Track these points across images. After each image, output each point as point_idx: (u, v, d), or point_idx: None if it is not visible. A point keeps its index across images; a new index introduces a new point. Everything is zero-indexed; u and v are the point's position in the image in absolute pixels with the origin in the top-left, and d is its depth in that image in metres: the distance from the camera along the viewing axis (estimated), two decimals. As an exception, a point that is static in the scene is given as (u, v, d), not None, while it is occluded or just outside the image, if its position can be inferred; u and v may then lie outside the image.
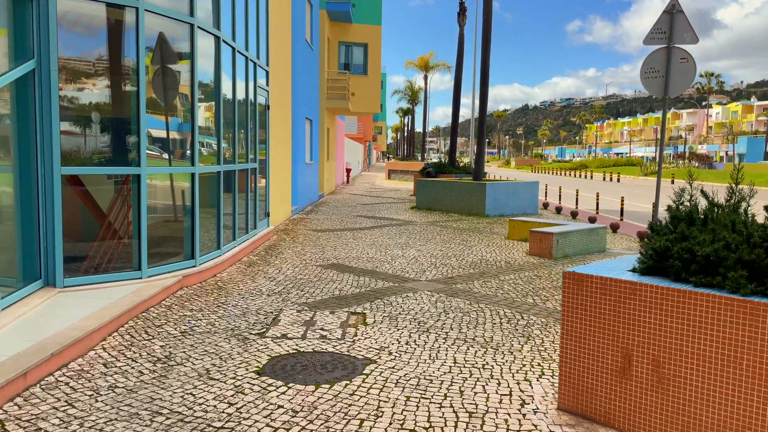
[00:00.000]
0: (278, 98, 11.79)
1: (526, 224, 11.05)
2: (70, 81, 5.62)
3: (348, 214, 15.42)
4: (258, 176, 9.67)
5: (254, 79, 9.22)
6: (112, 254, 6.11)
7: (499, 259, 9.06)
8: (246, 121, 8.83)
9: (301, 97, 15.31)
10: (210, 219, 7.45)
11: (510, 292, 6.83)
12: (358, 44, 22.91)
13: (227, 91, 7.86)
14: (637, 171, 53.94)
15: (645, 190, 31.48)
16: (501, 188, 15.94)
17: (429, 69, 49.41)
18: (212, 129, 7.49)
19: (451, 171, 21.91)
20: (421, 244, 10.43)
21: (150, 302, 5.62)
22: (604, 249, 10.28)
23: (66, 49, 5.55)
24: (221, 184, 7.54)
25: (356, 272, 7.81)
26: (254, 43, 9.28)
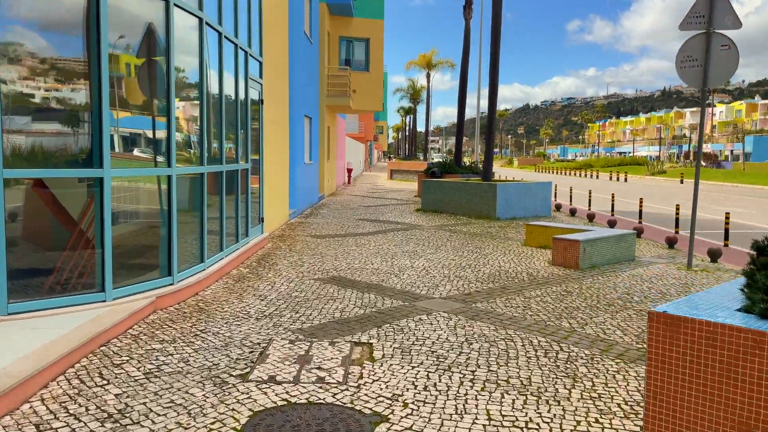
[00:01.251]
0: (274, 93, 10.83)
1: (546, 230, 10.08)
2: (15, 70, 4.65)
3: (350, 217, 14.45)
4: (251, 178, 8.70)
5: (245, 69, 8.25)
6: (72, 272, 5.14)
7: (519, 271, 8.09)
8: (236, 116, 7.87)
9: (299, 93, 14.34)
10: (192, 228, 6.48)
11: (540, 313, 5.85)
12: (360, 39, 21.94)
13: (213, 81, 6.89)
14: (643, 170, 52.94)
15: (657, 190, 30.50)
16: (512, 189, 14.97)
17: (432, 67, 48.43)
18: (196, 125, 6.53)
19: (457, 171, 20.94)
20: (431, 252, 9.46)
21: (112, 332, 4.66)
22: (634, 257, 9.30)
23: (5, 33, 4.58)
24: (205, 188, 6.57)
25: (360, 287, 6.84)
26: (245, 29, 8.31)
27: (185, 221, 6.34)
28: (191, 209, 6.48)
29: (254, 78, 8.79)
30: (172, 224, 5.76)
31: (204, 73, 6.40)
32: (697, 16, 8.40)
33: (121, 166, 5.39)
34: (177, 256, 5.87)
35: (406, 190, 26.18)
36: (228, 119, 7.59)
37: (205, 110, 6.48)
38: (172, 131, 5.67)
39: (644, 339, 5.12)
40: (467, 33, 21.38)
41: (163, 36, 5.58)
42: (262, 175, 9.48)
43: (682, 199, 23.91)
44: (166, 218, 5.76)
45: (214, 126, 7.05)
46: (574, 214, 16.11)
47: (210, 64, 6.76)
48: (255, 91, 9.01)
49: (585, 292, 6.85)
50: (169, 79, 5.62)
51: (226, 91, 7.42)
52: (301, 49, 14.53)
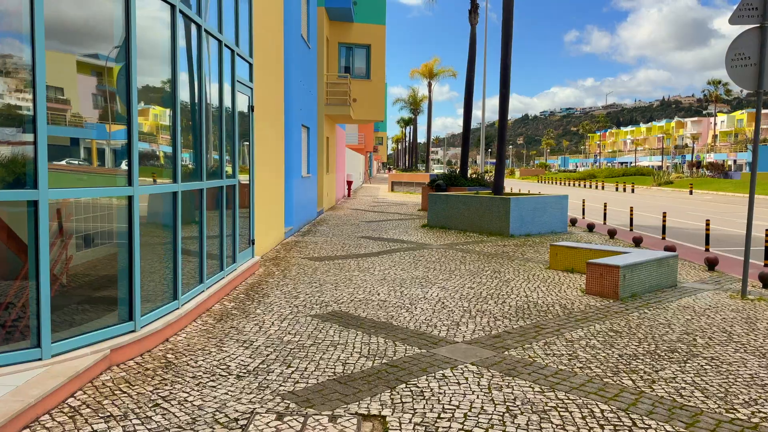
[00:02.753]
0: (267, 99, 9.75)
1: (573, 252, 8.95)
2: None
3: (350, 234, 13.33)
4: (239, 195, 7.59)
5: (231, 71, 7.17)
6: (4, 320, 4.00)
7: (550, 302, 6.95)
8: (220, 124, 6.77)
9: (296, 102, 13.28)
10: (163, 258, 5.35)
11: (591, 365, 4.71)
12: (360, 46, 20.93)
13: (189, 82, 5.80)
14: (649, 181, 51.89)
15: (669, 202, 29.39)
16: (526, 204, 13.86)
17: (433, 76, 47.48)
18: (168, 134, 5.42)
19: (464, 183, 19.84)
20: (444, 277, 8.32)
21: (44, 405, 3.52)
22: (676, 283, 8.17)
23: None
24: (179, 209, 5.45)
25: (365, 327, 5.70)
26: (231, 25, 7.25)
27: (154, 250, 5.22)
28: (162, 235, 5.35)
29: (243, 81, 7.70)
30: (134, 255, 4.64)
31: (177, 71, 5.31)
32: (749, 8, 7.34)
33: (69, 182, 4.27)
34: (140, 296, 4.73)
35: (409, 203, 25.07)
36: (210, 128, 6.49)
37: (178, 117, 5.37)
38: (133, 142, 4.56)
39: (731, 403, 3.99)
40: (473, 39, 20.38)
41: (122, 25, 4.48)
42: (253, 191, 8.37)
43: (699, 211, 22.80)
44: (126, 248, 4.63)
45: (192, 135, 5.94)
46: (591, 229, 15.00)
47: (185, 62, 5.67)
48: (244, 96, 7.92)
49: (636, 332, 5.71)
50: (129, 77, 4.52)
51: (208, 95, 6.32)
52: (298, 53, 13.49)
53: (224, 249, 6.94)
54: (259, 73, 8.96)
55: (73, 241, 4.42)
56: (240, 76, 7.55)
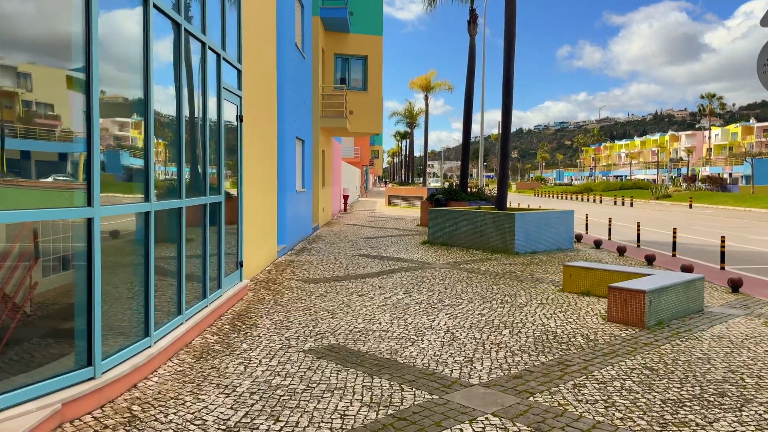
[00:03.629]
0: (258, 109, 9.10)
1: (588, 273, 8.27)
2: None
3: (347, 252, 12.61)
4: (225, 213, 6.88)
5: (217, 77, 6.51)
6: None
7: (570, 331, 6.25)
8: (203, 135, 6.09)
9: (290, 113, 12.64)
10: (132, 287, 4.63)
11: (632, 415, 4.01)
12: (357, 57, 20.37)
13: (165, 86, 5.13)
14: (647, 194, 51.45)
15: (671, 216, 28.83)
16: (532, 219, 13.20)
17: (430, 89, 47.05)
18: (140, 145, 4.73)
19: (464, 197, 19.21)
20: (451, 302, 7.62)
21: (-36, 486, 2.78)
22: (702, 308, 7.49)
23: None
24: (152, 231, 4.74)
25: (366, 365, 4.98)
26: (217, 27, 6.60)
27: (123, 279, 4.50)
28: (132, 262, 4.64)
29: (230, 89, 7.04)
30: (93, 288, 3.92)
31: (150, 75, 4.63)
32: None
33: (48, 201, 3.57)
34: (100, 335, 4.01)
35: (407, 217, 24.39)
36: (192, 139, 5.81)
37: (152, 126, 4.69)
38: (93, 153, 3.87)
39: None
40: (472, 50, 19.86)
41: (82, 19, 3.81)
42: (241, 208, 7.66)
43: (703, 225, 22.20)
44: (84, 278, 3.92)
45: (169, 147, 5.26)
46: (599, 246, 14.34)
47: (163, 65, 5.00)
48: (232, 105, 7.25)
49: (674, 371, 5.01)
50: (90, 75, 3.84)
51: (189, 103, 5.65)
52: (292, 62, 12.88)
53: (207, 274, 6.21)
54: (250, 81, 8.31)
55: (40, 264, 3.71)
56: (227, 83, 6.89)
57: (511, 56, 14.06)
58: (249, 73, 8.23)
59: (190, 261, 5.80)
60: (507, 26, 14.01)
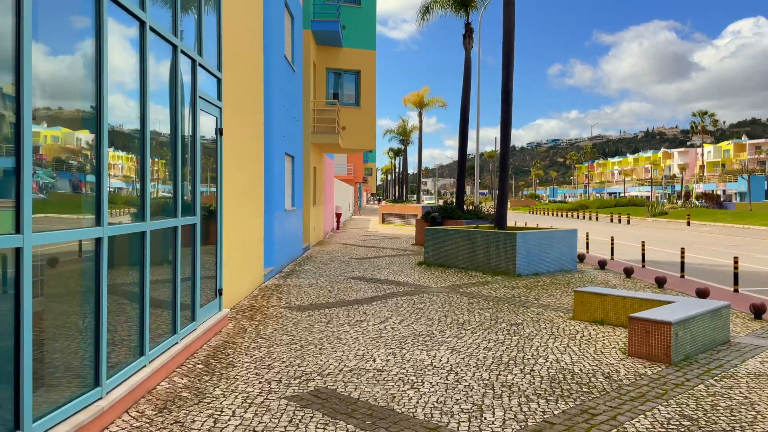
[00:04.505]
0: (243, 123, 8.43)
1: (602, 299, 7.58)
2: None
3: (339, 275, 11.88)
4: (200, 236, 6.16)
5: (192, 85, 5.84)
6: None
7: (589, 369, 5.54)
8: (174, 149, 5.39)
9: (278, 127, 11.98)
10: (79, 328, 3.89)
11: (684, 487, 3.28)
12: (350, 71, 19.83)
13: (127, 92, 4.44)
14: (643, 211, 51.05)
15: (671, 234, 28.28)
16: (534, 239, 12.53)
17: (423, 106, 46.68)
18: (93, 160, 4.02)
19: (460, 215, 18.55)
20: (453, 333, 6.89)
21: None
22: (729, 338, 6.81)
23: None
24: (104, 261, 4.02)
25: (358, 417, 4.25)
26: (192, 29, 5.95)
27: (67, 320, 3.77)
28: (79, 298, 3.91)
29: (208, 98, 6.36)
30: (22, 330, 3.19)
31: (103, 75, 3.94)
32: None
33: None
34: (31, 391, 3.26)
35: (401, 236, 23.68)
36: (160, 152, 5.12)
37: (104, 137, 3.99)
38: (23, 168, 3.16)
39: None
40: (468, 64, 19.37)
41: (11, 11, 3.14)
42: (221, 230, 6.94)
43: (706, 244, 21.59)
44: (10, 318, 3.18)
45: (130, 161, 4.55)
46: (603, 267, 13.67)
47: (118, 65, 4.33)
48: (211, 117, 6.58)
49: (717, 420, 4.30)
50: (20, 72, 3.15)
51: (156, 111, 4.97)
52: (280, 74, 12.26)
53: (178, 307, 5.47)
54: (232, 91, 7.66)
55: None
56: (204, 92, 6.22)
57: (509, 68, 13.52)
58: (231, 83, 7.57)
59: (157, 292, 5.06)
60: (505, 38, 13.49)
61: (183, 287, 5.67)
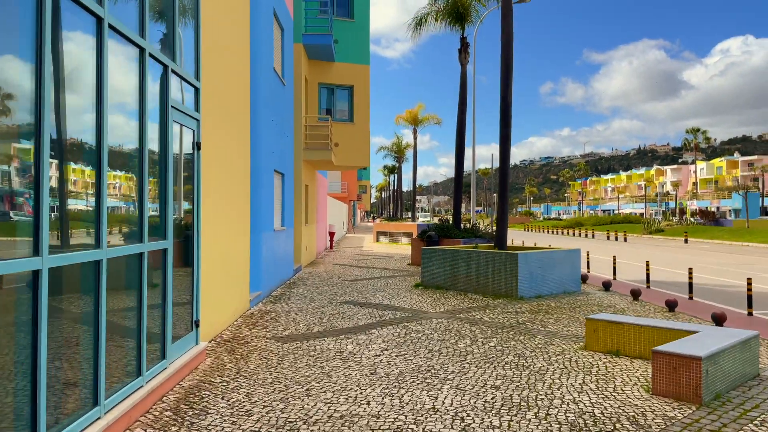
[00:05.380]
0: (226, 137, 7.82)
1: (615, 328, 6.94)
2: None
3: (331, 299, 11.19)
4: (173, 262, 5.50)
5: (163, 93, 5.23)
6: None
7: (611, 412, 4.87)
8: (141, 164, 4.76)
9: (266, 143, 11.38)
10: (12, 381, 3.21)
11: None
12: (343, 87, 19.33)
13: (81, 97, 3.82)
14: (639, 229, 50.69)
15: (671, 252, 27.76)
16: (536, 260, 11.91)
17: (418, 123, 46.33)
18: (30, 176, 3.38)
19: (457, 234, 17.93)
20: (455, 368, 6.22)
21: None
22: (758, 372, 6.17)
23: None
24: (44, 297, 3.35)
25: (350, 482, 3.56)
26: (164, 33, 5.35)
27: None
28: (12, 337, 3.23)
29: (183, 109, 5.75)
30: None
31: (44, 73, 3.32)
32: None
33: None
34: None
35: (396, 255, 23.02)
36: (123, 167, 4.48)
37: (45, 148, 3.35)
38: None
39: None
40: (463, 78, 18.92)
41: None
42: (198, 255, 6.27)
43: (707, 262, 21.03)
44: None
45: (84, 177, 3.91)
46: (608, 288, 13.05)
47: (66, 64, 3.71)
48: (187, 129, 5.96)
49: (775, 482, 3.64)
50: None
51: (118, 122, 4.34)
52: (269, 88, 11.69)
53: (143, 345, 4.79)
54: (213, 103, 7.05)
55: None
56: (178, 102, 5.60)
57: (508, 82, 13.03)
58: (212, 94, 6.97)
59: (117, 330, 4.39)
60: (504, 49, 13.02)
61: (151, 322, 4.99)
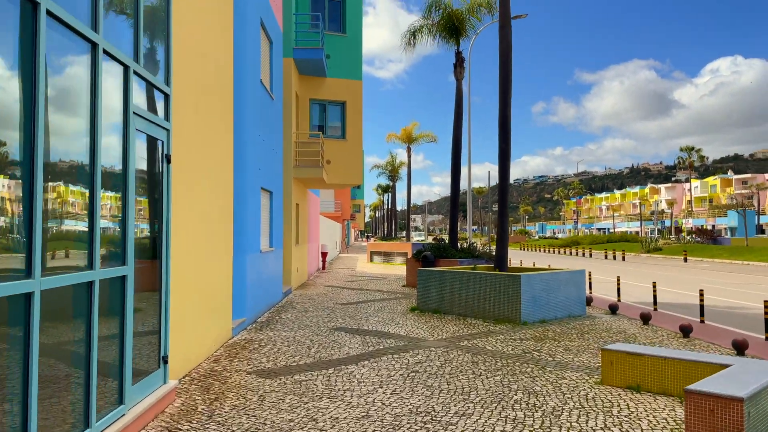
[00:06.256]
0: (204, 149, 7.16)
1: (635, 360, 6.23)
2: None
3: (321, 325, 10.43)
4: (132, 290, 4.78)
5: (124, 97, 4.57)
6: None
7: (645, 467, 4.15)
8: (92, 176, 4.07)
9: (253, 159, 10.72)
10: None
11: None
12: (334, 102, 18.77)
13: (10, 97, 3.14)
14: (636, 247, 50.16)
15: (672, 272, 27.14)
16: (539, 282, 11.23)
17: (412, 141, 45.88)
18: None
19: (454, 255, 17.23)
20: (458, 409, 5.48)
21: None
22: (800, 410, 5.45)
23: None
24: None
25: None
26: (126, 29, 4.71)
27: None
28: None
29: (148, 117, 5.08)
30: None
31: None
32: None
33: None
34: None
35: (391, 276, 22.26)
36: (69, 181, 3.79)
37: None
38: None
39: None
40: (459, 94, 18.42)
41: None
42: (166, 281, 5.55)
43: (711, 282, 20.38)
44: None
45: (12, 193, 3.22)
46: (614, 311, 12.36)
47: None
48: (155, 139, 5.28)
49: None
50: None
51: (59, 126, 3.66)
52: (256, 101, 11.07)
53: (93, 391, 4.04)
54: (189, 112, 6.40)
55: None
56: (142, 109, 4.94)
57: (507, 97, 12.48)
58: (187, 102, 6.32)
59: (54, 378, 3.66)
60: (502, 62, 12.49)
61: (104, 362, 4.25)
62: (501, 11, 12.81)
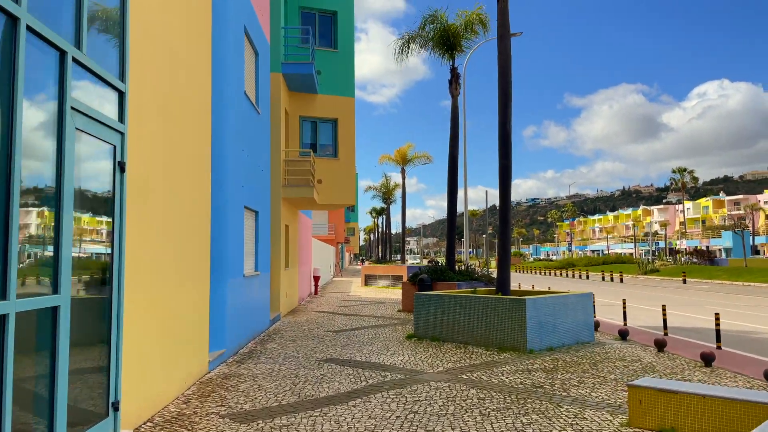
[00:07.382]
0: (173, 160, 6.34)
1: (667, 398, 5.38)
2: None
3: (310, 356, 9.51)
4: (68, 324, 3.90)
5: (60, 89, 3.77)
6: None
7: None
8: (7, 186, 3.24)
9: (235, 175, 9.92)
10: None
11: None
12: (326, 120, 18.07)
13: None
14: (633, 269, 49.46)
15: (673, 293, 26.33)
16: (545, 306, 10.38)
17: (407, 162, 45.31)
18: None
19: (452, 277, 16.36)
20: (466, 462, 4.59)
21: None
22: None
23: None
24: None
25: None
26: (67, 9, 3.93)
27: None
28: None
29: (95, 116, 4.28)
30: None
31: None
32: None
33: None
34: None
35: (386, 301, 21.32)
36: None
37: None
38: None
39: None
40: (455, 111, 17.77)
41: None
42: (119, 310, 4.68)
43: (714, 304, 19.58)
44: None
45: None
46: (625, 337, 11.51)
47: None
48: (102, 144, 4.47)
49: None
50: None
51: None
52: (239, 114, 10.30)
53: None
54: (152, 114, 5.60)
55: None
56: (85, 105, 4.13)
57: (507, 110, 11.79)
58: (149, 104, 5.52)
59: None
60: (501, 76, 11.84)
61: (27, 413, 3.37)
62: (499, 22, 12.21)
